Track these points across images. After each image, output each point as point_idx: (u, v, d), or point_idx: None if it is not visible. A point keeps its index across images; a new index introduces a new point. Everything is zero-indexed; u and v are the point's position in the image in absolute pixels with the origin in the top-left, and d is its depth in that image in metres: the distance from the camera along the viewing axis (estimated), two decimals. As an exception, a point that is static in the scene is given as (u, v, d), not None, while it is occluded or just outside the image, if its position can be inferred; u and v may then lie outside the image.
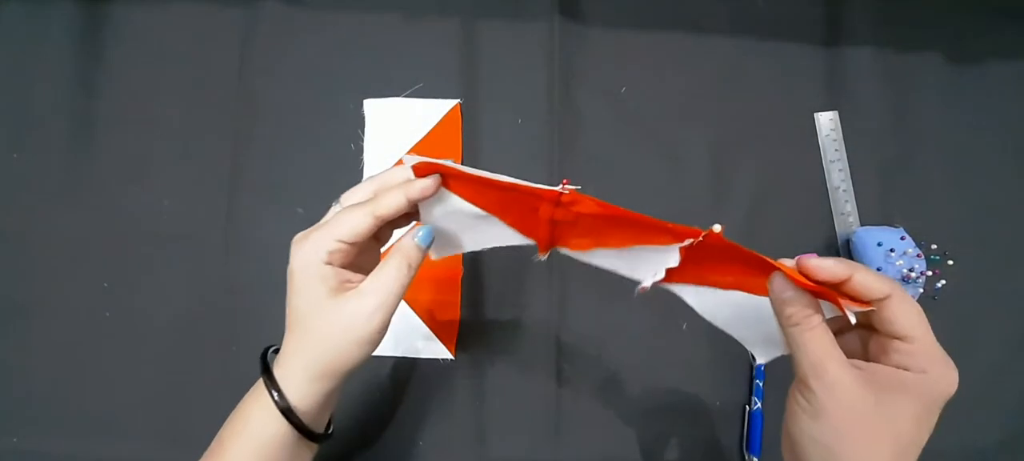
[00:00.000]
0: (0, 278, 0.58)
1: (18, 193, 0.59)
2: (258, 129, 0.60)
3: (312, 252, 0.36)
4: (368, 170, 0.59)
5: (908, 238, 0.56)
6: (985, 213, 0.61)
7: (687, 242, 0.35)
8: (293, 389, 0.37)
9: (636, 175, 0.60)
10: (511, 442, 0.56)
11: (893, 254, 0.55)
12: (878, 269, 0.55)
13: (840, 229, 0.60)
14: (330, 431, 0.43)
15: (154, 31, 0.62)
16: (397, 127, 0.60)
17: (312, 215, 0.58)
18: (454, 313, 0.56)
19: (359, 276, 0.38)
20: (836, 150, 0.61)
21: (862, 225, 0.59)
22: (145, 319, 0.57)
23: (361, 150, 0.60)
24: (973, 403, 0.58)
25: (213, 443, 0.41)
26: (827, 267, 0.33)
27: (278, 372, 0.38)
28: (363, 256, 0.39)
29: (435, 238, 0.40)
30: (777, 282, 0.34)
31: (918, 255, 0.55)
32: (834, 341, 0.33)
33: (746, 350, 0.41)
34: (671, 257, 0.37)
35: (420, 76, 0.61)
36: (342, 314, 0.36)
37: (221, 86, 0.61)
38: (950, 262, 0.58)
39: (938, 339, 0.37)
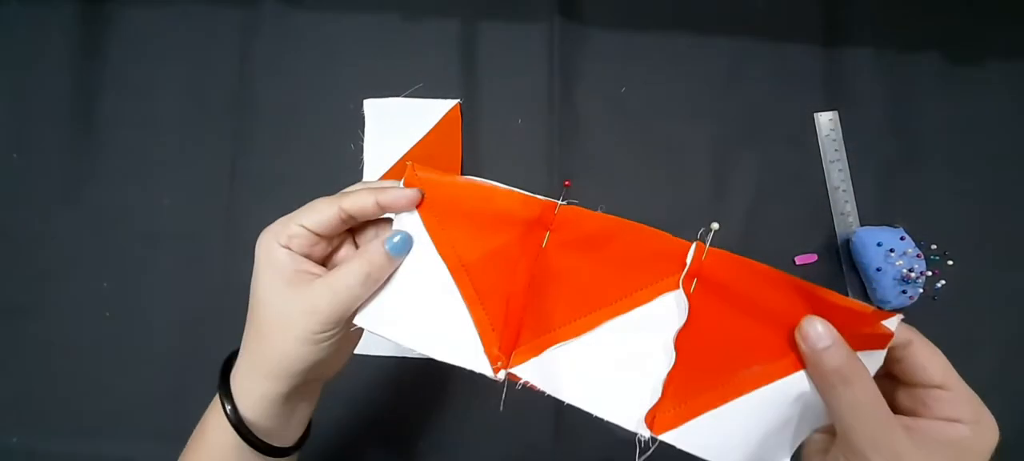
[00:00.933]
0: (0, 278, 0.58)
1: (18, 193, 0.59)
2: (258, 129, 0.60)
3: (272, 235, 0.34)
4: (368, 170, 0.59)
5: (908, 238, 0.56)
6: (985, 213, 0.61)
7: (690, 255, 0.31)
8: (246, 394, 0.34)
9: (636, 175, 0.60)
10: (511, 442, 0.56)
11: (893, 254, 0.55)
12: (878, 269, 0.55)
13: (840, 229, 0.60)
14: (299, 444, 0.38)
15: (154, 31, 0.62)
16: (397, 127, 0.60)
17: (312, 215, 0.59)
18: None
19: (321, 269, 0.35)
20: (836, 150, 0.61)
21: (862, 225, 0.59)
22: (145, 319, 0.57)
23: (361, 150, 0.60)
24: (973, 403, 0.58)
25: (191, 445, 0.38)
26: (859, 305, 0.29)
27: (235, 377, 0.35)
28: (337, 254, 0.36)
29: (373, 301, 0.34)
30: (813, 328, 0.28)
31: (918, 255, 0.55)
32: (871, 380, 0.28)
33: None
34: (676, 310, 0.31)
35: (420, 76, 0.61)
36: (287, 306, 0.33)
37: (221, 86, 0.61)
38: (950, 262, 0.58)
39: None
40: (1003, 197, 0.61)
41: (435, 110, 0.60)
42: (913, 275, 0.54)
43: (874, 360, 0.28)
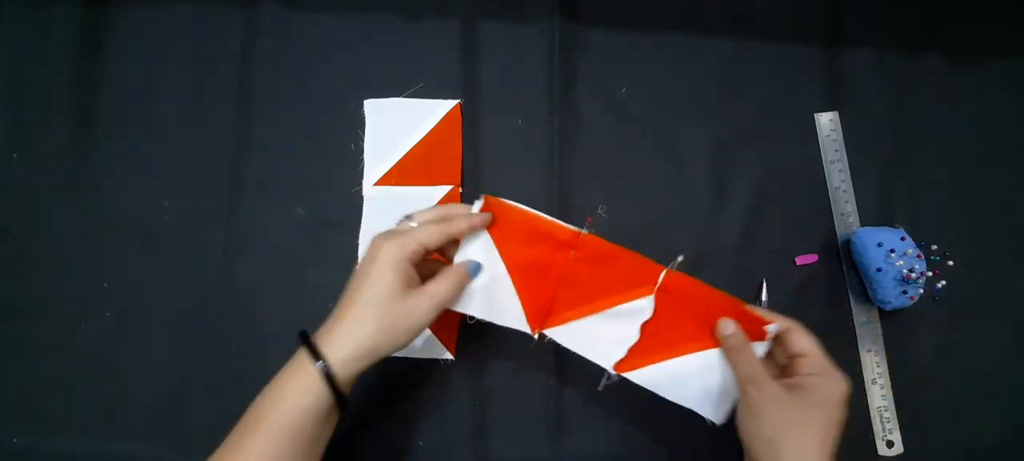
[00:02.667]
0: (0, 278, 0.58)
1: (18, 193, 0.59)
2: (258, 129, 0.60)
3: (399, 248, 0.43)
4: (368, 170, 0.59)
5: (908, 238, 0.56)
6: (985, 213, 0.61)
7: (661, 277, 0.47)
8: (340, 363, 0.42)
9: (636, 175, 0.60)
10: (511, 442, 0.56)
11: (893, 254, 0.55)
12: (878, 269, 0.55)
13: (840, 229, 0.60)
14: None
15: (154, 31, 0.62)
16: (397, 127, 0.60)
17: (312, 215, 0.59)
18: (454, 314, 0.56)
19: (418, 279, 0.45)
20: (836, 150, 0.61)
21: (862, 225, 0.59)
22: (145, 319, 0.57)
23: (361, 150, 0.60)
24: (973, 403, 0.58)
25: (246, 416, 0.43)
26: (757, 313, 0.47)
27: (327, 347, 0.42)
28: (424, 265, 0.47)
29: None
30: (724, 324, 0.46)
31: (918, 255, 0.55)
32: (762, 363, 0.45)
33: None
34: (646, 308, 0.48)
35: (420, 76, 0.61)
36: (405, 306, 0.43)
37: (221, 86, 0.61)
38: (950, 262, 0.58)
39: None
40: (1003, 197, 0.61)
41: (435, 110, 0.60)
42: (913, 275, 0.54)
43: (761, 347, 0.47)
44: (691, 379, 0.48)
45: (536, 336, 0.50)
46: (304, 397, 0.42)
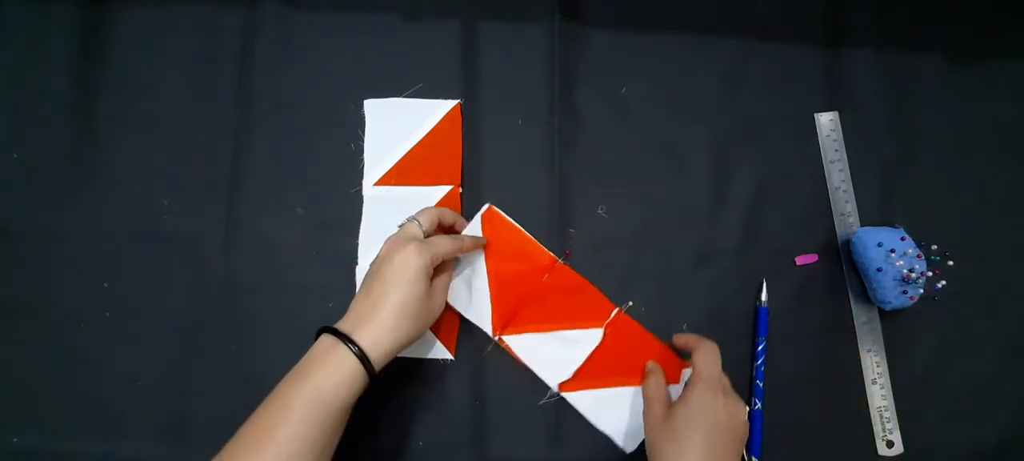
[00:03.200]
0: (0, 278, 0.58)
1: (18, 193, 0.59)
2: (258, 129, 0.60)
3: (425, 256, 0.48)
4: (368, 170, 0.59)
5: (908, 238, 0.56)
6: (985, 213, 0.61)
7: (612, 314, 0.56)
8: (371, 349, 0.45)
9: (636, 175, 0.60)
10: (511, 443, 0.56)
11: (893, 254, 0.55)
12: (878, 269, 0.55)
13: (840, 229, 0.60)
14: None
15: (154, 31, 0.62)
16: (397, 127, 0.60)
17: (312, 215, 0.59)
18: (454, 314, 0.56)
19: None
20: (836, 150, 0.61)
21: (862, 225, 0.59)
22: (145, 319, 0.57)
23: (361, 150, 0.60)
24: (973, 403, 0.58)
25: (271, 403, 0.44)
26: (681, 342, 0.54)
27: (357, 336, 0.45)
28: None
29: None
30: (651, 366, 0.54)
31: (918, 255, 0.55)
32: (665, 388, 0.52)
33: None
34: (595, 339, 0.55)
35: (420, 76, 0.61)
36: (425, 303, 0.48)
37: (221, 86, 0.61)
38: (950, 262, 0.58)
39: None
40: (1003, 197, 0.61)
41: (435, 110, 0.60)
42: (913, 275, 0.54)
43: (679, 387, 0.54)
44: (614, 410, 0.55)
45: (495, 339, 0.56)
46: (336, 384, 0.44)
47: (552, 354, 0.55)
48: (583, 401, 0.55)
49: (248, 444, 0.43)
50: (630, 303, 0.57)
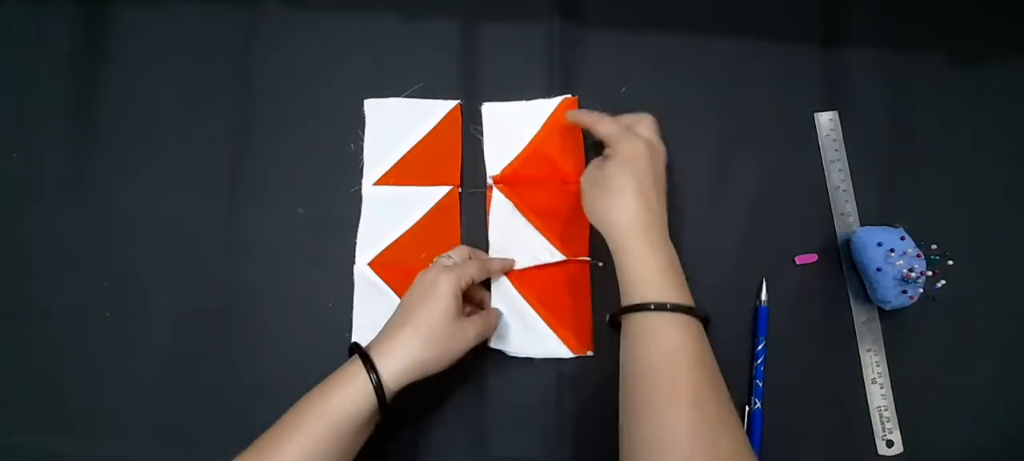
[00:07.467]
0: (0, 278, 0.58)
1: (18, 193, 0.59)
2: (258, 129, 0.60)
3: (456, 281, 0.49)
4: (368, 170, 0.59)
5: (908, 238, 0.56)
6: (985, 213, 0.61)
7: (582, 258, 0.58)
8: (388, 375, 0.46)
9: (636, 175, 0.60)
10: (511, 442, 0.56)
11: (893, 254, 0.55)
12: (878, 269, 0.55)
13: (840, 229, 0.60)
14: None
15: (154, 31, 0.62)
16: (397, 127, 0.60)
17: (312, 215, 0.59)
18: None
19: (463, 309, 0.51)
20: (836, 150, 0.61)
21: (862, 225, 0.59)
22: (145, 319, 0.57)
23: (361, 150, 0.60)
24: (973, 403, 0.58)
25: (289, 416, 0.45)
26: (579, 119, 0.56)
27: (380, 360, 0.46)
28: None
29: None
30: (569, 114, 0.58)
31: (918, 255, 0.55)
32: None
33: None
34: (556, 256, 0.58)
35: (420, 76, 0.61)
36: (454, 330, 0.49)
37: (221, 86, 0.61)
38: (950, 262, 0.58)
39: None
40: (1003, 197, 0.61)
41: (435, 110, 0.60)
42: (913, 275, 0.54)
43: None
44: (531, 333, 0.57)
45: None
46: (350, 403, 0.45)
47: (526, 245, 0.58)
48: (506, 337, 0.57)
49: (256, 454, 0.44)
50: (600, 264, 0.57)
